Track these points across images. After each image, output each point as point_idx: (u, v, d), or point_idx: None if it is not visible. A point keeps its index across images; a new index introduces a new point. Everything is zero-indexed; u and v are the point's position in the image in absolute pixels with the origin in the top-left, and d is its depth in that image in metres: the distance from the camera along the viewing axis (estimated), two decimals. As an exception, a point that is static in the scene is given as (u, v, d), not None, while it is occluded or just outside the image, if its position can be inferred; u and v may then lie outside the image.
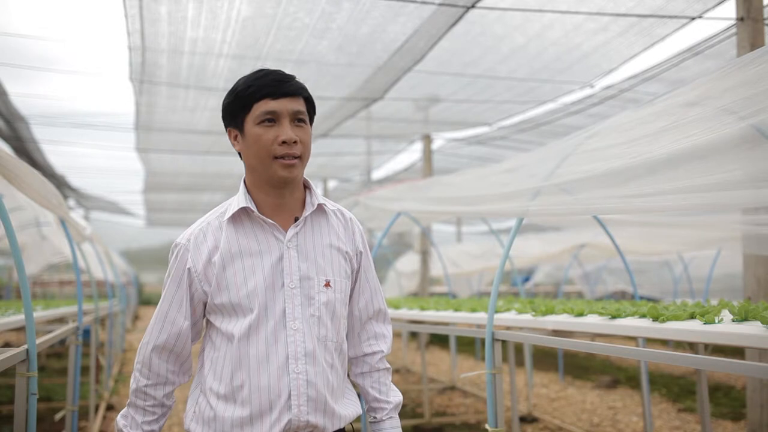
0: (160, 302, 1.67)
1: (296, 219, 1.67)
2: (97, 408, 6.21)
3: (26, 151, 11.51)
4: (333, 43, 6.97)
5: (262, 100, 1.59)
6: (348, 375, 1.78)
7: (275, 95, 1.59)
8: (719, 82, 2.40)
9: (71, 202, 18.08)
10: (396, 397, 1.78)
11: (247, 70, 7.62)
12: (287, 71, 1.68)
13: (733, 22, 5.27)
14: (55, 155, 12.61)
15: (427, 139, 11.49)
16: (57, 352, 10.63)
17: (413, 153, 13.20)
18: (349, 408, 1.69)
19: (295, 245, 1.64)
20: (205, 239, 1.65)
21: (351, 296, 1.77)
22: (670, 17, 6.26)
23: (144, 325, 20.62)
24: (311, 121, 1.69)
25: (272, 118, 1.59)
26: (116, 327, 10.18)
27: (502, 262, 3.18)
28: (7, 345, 8.81)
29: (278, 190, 1.64)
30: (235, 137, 1.66)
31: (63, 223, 4.27)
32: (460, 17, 6.08)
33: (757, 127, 2.31)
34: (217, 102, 8.90)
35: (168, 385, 1.68)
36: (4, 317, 3.94)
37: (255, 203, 1.65)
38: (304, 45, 6.94)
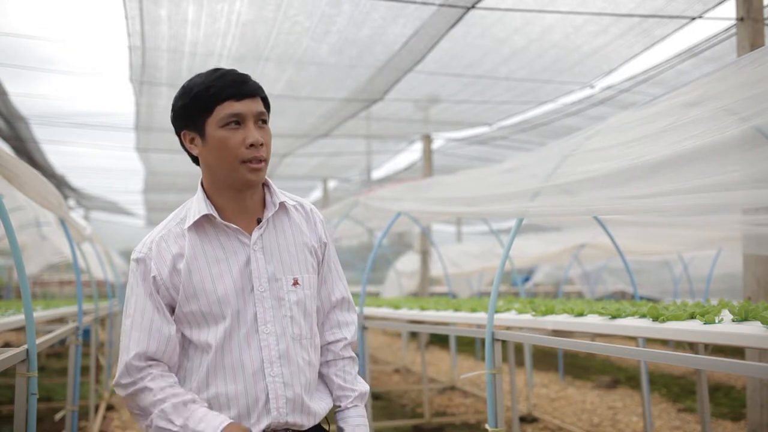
0: (133, 316, 1.57)
1: (259, 220, 1.64)
2: (97, 408, 6.21)
3: (26, 151, 11.52)
4: (333, 46, 6.97)
5: (225, 102, 1.54)
6: None
7: (238, 96, 1.55)
8: (720, 83, 2.40)
9: (71, 202, 18.08)
10: (362, 386, 1.76)
11: (247, 72, 7.61)
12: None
13: (733, 22, 5.28)
14: (55, 155, 12.62)
15: (427, 139, 11.49)
16: (57, 352, 10.63)
17: (413, 153, 13.21)
18: (323, 403, 1.69)
19: (260, 247, 1.61)
20: (167, 246, 1.60)
21: None
22: (671, 17, 6.26)
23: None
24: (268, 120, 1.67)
25: (238, 121, 1.55)
26: (116, 327, 10.17)
27: (502, 262, 3.18)
28: (7, 345, 8.81)
29: (240, 194, 1.61)
30: (192, 140, 1.61)
31: (63, 223, 4.27)
32: (460, 18, 6.09)
33: (758, 128, 2.31)
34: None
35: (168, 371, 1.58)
36: (4, 317, 3.93)
37: (216, 208, 1.61)
38: (304, 48, 6.95)
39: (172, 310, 1.60)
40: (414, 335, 11.71)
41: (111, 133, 11.03)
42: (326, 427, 1.74)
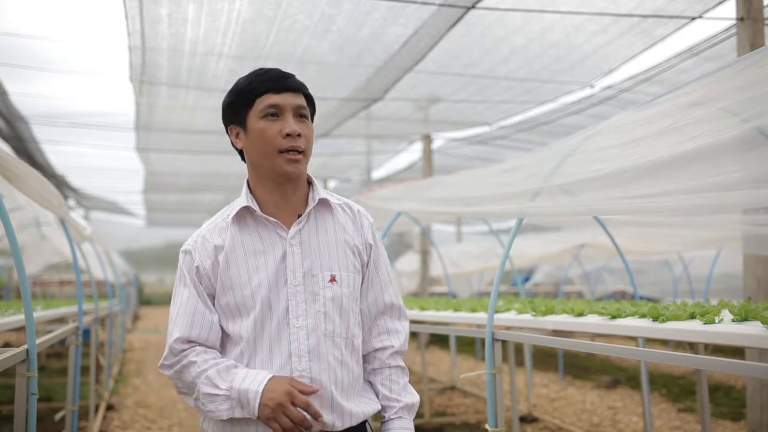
0: (178, 304, 1.63)
1: (299, 215, 1.66)
2: (97, 408, 6.21)
3: (26, 151, 11.51)
4: (333, 45, 6.97)
5: (265, 95, 1.61)
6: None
7: (278, 89, 1.61)
8: (720, 83, 2.40)
9: (71, 202, 18.08)
10: (410, 397, 1.71)
11: (247, 70, 7.59)
12: (288, 72, 1.69)
13: (733, 22, 5.28)
14: (55, 155, 12.61)
15: (427, 139, 11.49)
16: (57, 352, 10.63)
17: (413, 153, 13.21)
18: (364, 406, 1.66)
19: (298, 242, 1.63)
20: (211, 239, 1.65)
21: (361, 290, 1.72)
22: (671, 17, 6.26)
23: (144, 325, 20.60)
24: (312, 119, 1.70)
25: (276, 112, 1.60)
26: (116, 327, 10.18)
27: (502, 262, 3.18)
28: (7, 345, 8.81)
29: (281, 187, 1.64)
30: (237, 135, 1.67)
31: (63, 223, 4.27)
32: (460, 18, 6.08)
33: (759, 129, 2.30)
34: (217, 102, 8.86)
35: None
36: (4, 317, 3.94)
37: (258, 202, 1.65)
38: (304, 47, 6.95)
39: (214, 300, 1.65)
40: (414, 335, 11.71)
41: (111, 133, 11.03)
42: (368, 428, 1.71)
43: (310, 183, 1.72)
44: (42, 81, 9.15)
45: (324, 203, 1.69)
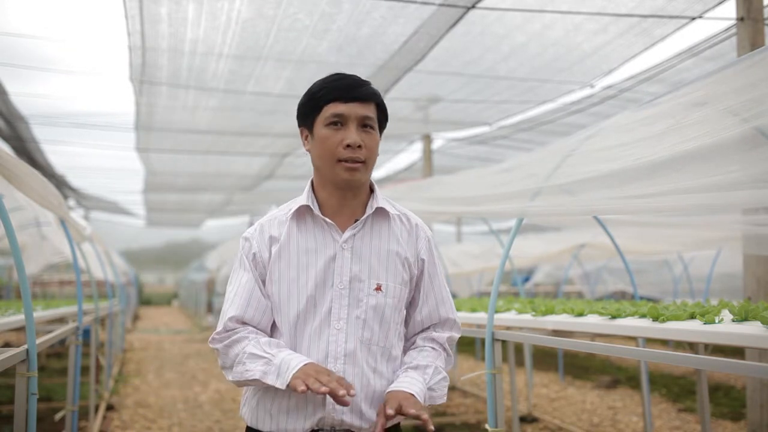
0: (236, 286, 1.67)
1: (356, 221, 1.69)
2: (97, 408, 6.21)
3: (26, 151, 11.51)
4: (333, 45, 6.97)
5: (332, 103, 1.63)
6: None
7: (345, 99, 1.63)
8: (721, 84, 2.39)
9: (71, 202, 18.07)
10: (422, 360, 1.68)
11: (247, 70, 7.62)
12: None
13: (733, 22, 5.28)
14: (55, 155, 12.61)
15: (427, 139, 11.48)
16: (57, 352, 10.62)
17: (413, 153, 13.21)
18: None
19: (350, 246, 1.66)
20: (269, 229, 1.71)
21: (414, 303, 1.75)
22: (671, 17, 6.26)
23: (144, 325, 20.60)
24: (383, 127, 1.72)
25: (340, 121, 1.62)
26: (116, 327, 10.18)
27: (502, 262, 3.18)
28: (7, 345, 8.80)
29: (341, 192, 1.68)
30: (306, 137, 1.71)
31: (63, 223, 4.27)
32: (460, 17, 6.08)
33: (759, 129, 2.30)
34: (216, 102, 8.88)
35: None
36: (4, 317, 3.94)
37: (318, 203, 1.70)
38: (304, 46, 6.94)
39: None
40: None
41: (111, 133, 11.03)
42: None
43: (372, 190, 1.74)
44: (42, 81, 9.15)
45: (382, 212, 1.72)
